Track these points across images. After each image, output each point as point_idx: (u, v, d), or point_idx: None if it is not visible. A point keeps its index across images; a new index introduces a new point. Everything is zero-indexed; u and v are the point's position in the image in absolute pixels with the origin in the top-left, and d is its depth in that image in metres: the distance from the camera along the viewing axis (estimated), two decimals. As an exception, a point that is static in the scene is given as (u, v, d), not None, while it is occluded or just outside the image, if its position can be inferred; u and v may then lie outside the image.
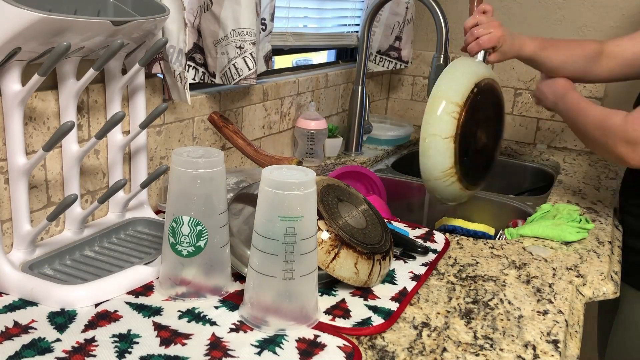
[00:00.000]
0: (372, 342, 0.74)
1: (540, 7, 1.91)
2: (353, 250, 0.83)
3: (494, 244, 1.10)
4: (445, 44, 1.40)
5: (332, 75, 1.69)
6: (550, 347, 0.76)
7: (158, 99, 1.07)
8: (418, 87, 2.13)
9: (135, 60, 0.91)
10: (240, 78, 1.13)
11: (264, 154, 1.08)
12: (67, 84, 0.86)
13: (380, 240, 0.89)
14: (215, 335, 0.72)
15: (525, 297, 0.89)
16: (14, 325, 0.71)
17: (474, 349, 0.74)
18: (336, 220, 0.85)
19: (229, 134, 1.10)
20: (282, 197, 0.71)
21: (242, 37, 1.10)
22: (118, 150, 0.97)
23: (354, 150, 1.67)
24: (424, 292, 0.89)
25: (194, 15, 1.11)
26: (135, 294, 0.81)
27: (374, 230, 0.90)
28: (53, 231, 0.92)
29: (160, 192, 1.13)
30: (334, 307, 0.81)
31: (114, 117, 0.80)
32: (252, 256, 0.74)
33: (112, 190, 0.85)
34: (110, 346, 0.68)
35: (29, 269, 0.81)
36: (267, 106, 1.40)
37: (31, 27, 0.69)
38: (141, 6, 0.88)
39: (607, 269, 1.03)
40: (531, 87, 1.96)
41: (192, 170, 0.77)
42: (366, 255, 0.84)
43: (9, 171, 0.81)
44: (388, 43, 1.89)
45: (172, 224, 0.78)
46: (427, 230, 1.12)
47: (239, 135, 1.10)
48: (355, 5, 1.91)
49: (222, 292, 0.82)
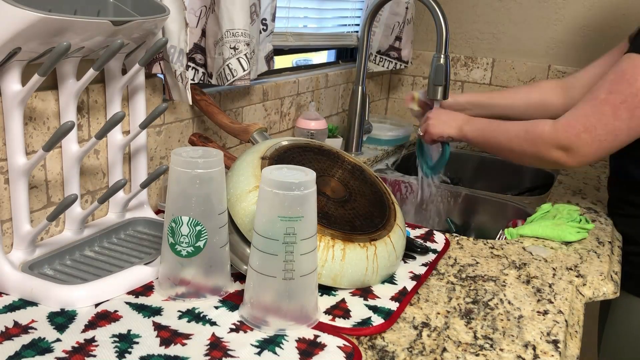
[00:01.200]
0: (372, 342, 0.74)
1: (540, 7, 1.91)
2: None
3: (494, 244, 1.10)
4: (445, 44, 1.40)
5: (332, 75, 1.69)
6: (550, 347, 0.76)
7: (158, 99, 1.07)
8: (418, 87, 2.13)
9: (135, 60, 0.91)
10: (235, 79, 1.12)
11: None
12: (67, 84, 0.86)
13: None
14: (215, 335, 0.72)
15: (525, 297, 0.89)
16: (14, 325, 0.71)
17: (474, 349, 0.74)
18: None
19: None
20: (282, 197, 0.71)
21: (236, 38, 1.10)
22: (118, 150, 0.97)
23: (354, 150, 1.67)
24: (424, 292, 0.89)
25: (197, 15, 1.11)
26: (135, 294, 0.81)
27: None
28: (53, 231, 0.92)
29: (160, 192, 1.13)
30: (334, 307, 0.81)
31: (114, 117, 0.80)
32: (252, 256, 0.74)
33: (112, 190, 0.85)
34: (110, 346, 0.68)
35: (29, 269, 0.81)
36: (267, 106, 1.40)
37: (31, 27, 0.69)
38: (141, 6, 0.88)
39: (607, 269, 1.03)
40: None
41: (192, 171, 0.77)
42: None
43: (9, 171, 0.81)
44: (388, 43, 1.89)
45: (171, 224, 0.78)
46: (427, 230, 1.12)
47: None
48: (355, 5, 1.91)
49: (221, 292, 0.82)
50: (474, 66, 2.02)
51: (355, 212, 0.90)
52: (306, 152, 0.97)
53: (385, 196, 0.98)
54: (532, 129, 1.15)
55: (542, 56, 1.94)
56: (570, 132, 1.09)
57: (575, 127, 1.08)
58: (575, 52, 1.89)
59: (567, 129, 1.09)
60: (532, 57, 1.95)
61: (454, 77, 2.06)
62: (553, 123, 1.12)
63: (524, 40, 1.95)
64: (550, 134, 1.11)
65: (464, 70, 2.04)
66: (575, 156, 1.10)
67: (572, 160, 1.11)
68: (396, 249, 0.90)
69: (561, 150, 1.10)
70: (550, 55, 1.93)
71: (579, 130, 1.08)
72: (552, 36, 1.92)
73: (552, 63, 1.92)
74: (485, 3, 1.98)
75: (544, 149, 1.13)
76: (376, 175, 1.03)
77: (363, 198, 0.94)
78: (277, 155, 0.92)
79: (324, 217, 0.86)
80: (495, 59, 1.99)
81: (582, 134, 1.08)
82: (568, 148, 1.09)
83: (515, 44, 1.97)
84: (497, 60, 1.99)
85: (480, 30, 2.01)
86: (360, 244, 0.85)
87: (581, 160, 1.10)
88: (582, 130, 1.07)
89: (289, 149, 0.96)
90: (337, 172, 0.97)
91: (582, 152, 1.09)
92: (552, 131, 1.11)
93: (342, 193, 0.93)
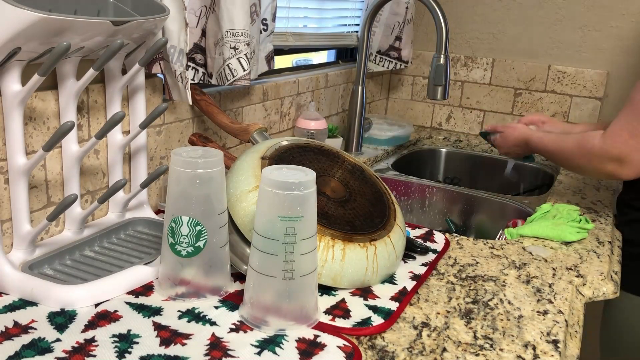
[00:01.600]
0: (372, 342, 0.74)
1: (540, 7, 1.91)
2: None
3: (494, 244, 1.10)
4: (445, 44, 1.40)
5: (332, 75, 1.69)
6: (550, 347, 0.76)
7: (158, 99, 1.07)
8: (418, 87, 2.13)
9: (135, 60, 0.91)
10: (235, 79, 1.12)
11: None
12: (67, 84, 0.86)
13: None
14: (215, 335, 0.72)
15: (525, 297, 0.89)
16: (14, 325, 0.71)
17: (474, 349, 0.74)
18: None
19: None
20: (282, 197, 0.71)
21: (237, 38, 1.10)
22: (118, 150, 0.97)
23: (354, 150, 1.67)
24: (423, 292, 0.89)
25: (197, 15, 1.11)
26: (135, 294, 0.81)
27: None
28: (53, 231, 0.92)
29: (160, 192, 1.13)
30: (334, 307, 0.81)
31: (114, 117, 0.80)
32: (252, 256, 0.74)
33: (112, 190, 0.85)
34: (110, 346, 0.68)
35: (29, 269, 0.81)
36: (267, 106, 1.40)
37: (31, 27, 0.69)
38: (141, 6, 0.88)
39: (607, 269, 1.03)
40: (531, 87, 1.96)
41: (192, 171, 0.76)
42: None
43: (9, 171, 0.81)
44: (388, 43, 1.89)
45: (171, 224, 0.78)
46: (427, 230, 1.12)
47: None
48: (355, 5, 1.90)
49: (221, 292, 0.82)
50: (474, 66, 2.02)
51: (355, 212, 0.90)
52: (306, 152, 0.97)
53: (385, 196, 0.98)
54: (584, 144, 1.16)
55: (542, 56, 1.94)
56: (618, 140, 1.09)
57: (621, 134, 1.09)
58: (575, 52, 1.89)
59: (614, 139, 1.10)
60: (532, 57, 1.95)
61: (454, 77, 2.06)
62: (602, 135, 1.12)
63: (524, 40, 1.95)
64: (600, 147, 1.12)
65: (464, 70, 2.04)
66: (629, 166, 1.10)
67: (627, 171, 1.11)
68: (396, 249, 0.90)
69: (614, 163, 1.11)
70: (550, 55, 1.93)
71: (625, 138, 1.09)
72: (552, 36, 1.92)
73: (552, 63, 1.92)
74: (485, 3, 1.98)
75: (598, 164, 1.13)
76: (376, 175, 1.03)
77: (363, 198, 0.94)
78: (277, 155, 0.92)
79: (324, 217, 0.86)
80: (495, 59, 1.99)
81: (629, 141, 1.08)
82: (620, 159, 1.10)
83: (515, 44, 1.97)
84: (497, 60, 1.99)
85: (480, 30, 2.01)
86: (360, 244, 0.85)
87: (636, 169, 1.10)
88: (628, 136, 1.08)
89: (289, 149, 0.96)
90: (337, 172, 0.97)
91: (634, 159, 1.09)
92: (601, 144, 1.12)
93: (342, 193, 0.93)
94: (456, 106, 2.08)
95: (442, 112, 2.10)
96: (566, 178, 1.59)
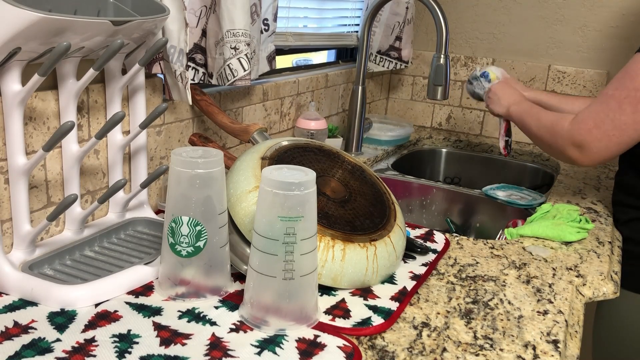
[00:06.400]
0: (372, 342, 0.74)
1: (540, 7, 1.91)
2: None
3: (494, 244, 1.10)
4: (445, 44, 1.40)
5: (332, 75, 1.69)
6: (550, 347, 0.76)
7: (158, 99, 1.07)
8: (418, 87, 2.13)
9: (135, 60, 0.91)
10: (235, 79, 1.12)
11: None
12: (67, 84, 0.86)
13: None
14: (215, 335, 0.72)
15: (525, 297, 0.89)
16: (14, 325, 0.71)
17: (474, 349, 0.74)
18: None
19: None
20: (282, 197, 0.71)
21: (237, 38, 1.10)
22: (118, 150, 0.97)
23: (354, 150, 1.67)
24: (423, 292, 0.89)
25: (197, 15, 1.11)
26: (135, 294, 0.81)
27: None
28: (53, 231, 0.92)
29: (160, 192, 1.13)
30: (334, 307, 0.81)
31: (114, 117, 0.80)
32: (252, 256, 0.74)
33: (112, 190, 0.85)
34: (110, 346, 0.68)
35: (29, 269, 0.81)
36: (267, 106, 1.40)
37: (31, 27, 0.69)
38: (141, 6, 0.88)
39: (607, 269, 1.03)
40: (531, 87, 1.96)
41: (192, 171, 0.77)
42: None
43: (9, 171, 0.81)
44: (388, 43, 1.89)
45: (171, 224, 0.78)
46: (427, 230, 1.12)
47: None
48: (355, 5, 1.91)
49: (221, 292, 0.82)
50: (474, 66, 2.02)
51: (355, 212, 0.90)
52: (306, 152, 0.97)
53: (385, 196, 0.98)
54: (557, 123, 1.18)
55: (542, 56, 1.94)
56: (583, 127, 1.12)
57: (587, 123, 1.12)
58: (575, 52, 1.89)
59: (580, 125, 1.12)
60: (532, 57, 1.95)
61: (454, 77, 2.06)
62: (571, 119, 1.15)
63: (524, 40, 1.95)
64: (568, 130, 1.14)
65: (464, 70, 2.04)
66: (588, 154, 1.12)
67: (585, 159, 1.13)
68: (396, 249, 0.90)
69: (575, 148, 1.13)
70: (550, 55, 1.93)
71: (590, 126, 1.11)
72: (552, 36, 1.92)
73: (552, 63, 1.92)
74: (485, 3, 1.98)
75: (562, 145, 1.16)
76: (376, 175, 1.03)
77: (363, 198, 0.94)
78: (277, 156, 0.92)
79: (324, 217, 0.86)
80: (495, 59, 1.99)
81: (592, 130, 1.10)
82: (580, 145, 1.12)
83: (515, 44, 1.97)
84: (497, 60, 1.99)
85: (480, 30, 2.01)
86: (360, 244, 0.85)
87: (593, 158, 1.12)
88: (593, 126, 1.10)
89: (289, 149, 0.96)
90: (337, 172, 0.97)
91: (594, 148, 1.11)
92: (569, 128, 1.14)
93: (342, 193, 0.93)
94: (456, 106, 2.08)
95: (442, 112, 2.10)
96: (566, 178, 1.59)
